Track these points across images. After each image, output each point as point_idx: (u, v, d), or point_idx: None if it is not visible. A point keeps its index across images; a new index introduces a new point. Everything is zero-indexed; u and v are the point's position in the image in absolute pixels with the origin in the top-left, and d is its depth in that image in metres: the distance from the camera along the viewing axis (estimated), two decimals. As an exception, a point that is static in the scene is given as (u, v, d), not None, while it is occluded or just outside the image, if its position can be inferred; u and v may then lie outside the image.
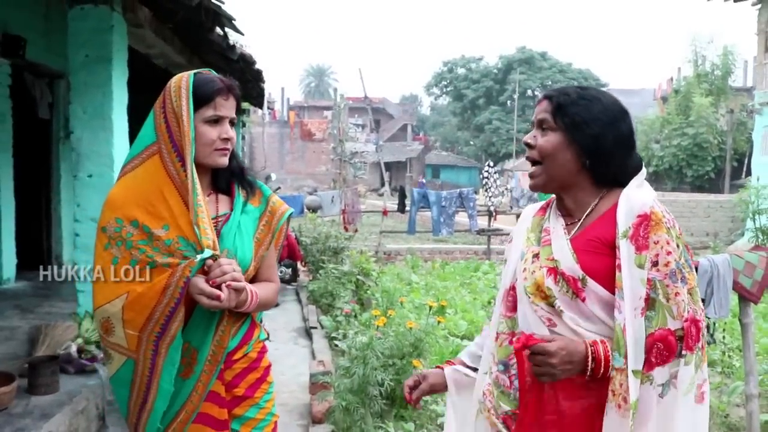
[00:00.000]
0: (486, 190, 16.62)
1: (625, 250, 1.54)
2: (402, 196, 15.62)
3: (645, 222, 1.55)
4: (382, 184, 32.93)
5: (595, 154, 1.64)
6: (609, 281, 1.57)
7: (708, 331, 4.10)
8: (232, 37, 6.10)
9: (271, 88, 67.59)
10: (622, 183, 1.65)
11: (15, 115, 6.79)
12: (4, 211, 6.66)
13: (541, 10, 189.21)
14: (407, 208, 14.64)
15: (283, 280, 8.76)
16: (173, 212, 1.80)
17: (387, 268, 11.43)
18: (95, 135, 4.37)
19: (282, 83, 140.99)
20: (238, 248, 1.88)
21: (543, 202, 1.85)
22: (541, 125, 1.70)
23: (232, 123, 1.92)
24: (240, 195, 1.96)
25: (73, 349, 4.10)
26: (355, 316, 6.19)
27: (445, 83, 56.70)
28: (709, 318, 4.00)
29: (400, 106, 61.90)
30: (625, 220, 1.57)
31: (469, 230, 14.66)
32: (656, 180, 29.63)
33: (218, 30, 5.24)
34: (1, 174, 6.61)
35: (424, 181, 40.08)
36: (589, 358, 1.54)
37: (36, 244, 7.43)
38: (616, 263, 1.55)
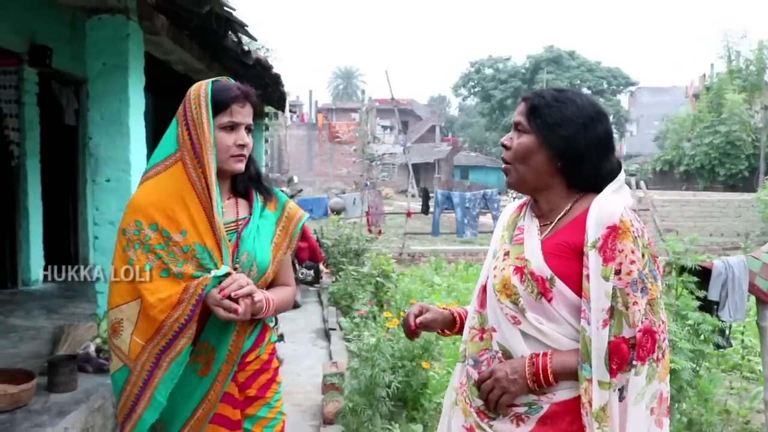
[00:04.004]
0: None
1: (593, 261, 1.56)
2: (426, 198, 15.61)
3: (613, 233, 1.55)
4: (411, 186, 32.93)
5: (567, 156, 1.65)
6: (575, 285, 1.59)
7: (723, 335, 4.05)
8: (255, 42, 6.19)
9: (299, 91, 68.15)
10: (598, 187, 1.65)
11: (42, 122, 6.97)
12: (32, 214, 6.83)
13: (570, 8, 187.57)
14: (431, 210, 14.64)
15: (305, 282, 8.83)
16: (193, 219, 1.84)
17: (410, 269, 11.45)
18: (112, 141, 4.47)
19: (310, 86, 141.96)
20: (257, 252, 1.93)
21: (523, 200, 1.87)
22: (516, 127, 1.72)
23: (248, 129, 1.97)
24: (258, 200, 2.02)
25: (92, 348, 4.21)
26: (374, 318, 6.22)
27: (473, 84, 56.50)
28: (724, 321, 3.96)
29: (428, 108, 61.79)
30: (594, 231, 1.58)
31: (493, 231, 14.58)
32: (687, 179, 29.17)
33: (233, 36, 5.31)
34: (29, 179, 6.79)
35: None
36: (528, 369, 1.61)
37: (63, 247, 7.62)
38: (585, 273, 1.57)
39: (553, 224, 1.70)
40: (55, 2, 4.35)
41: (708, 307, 3.89)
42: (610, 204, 1.60)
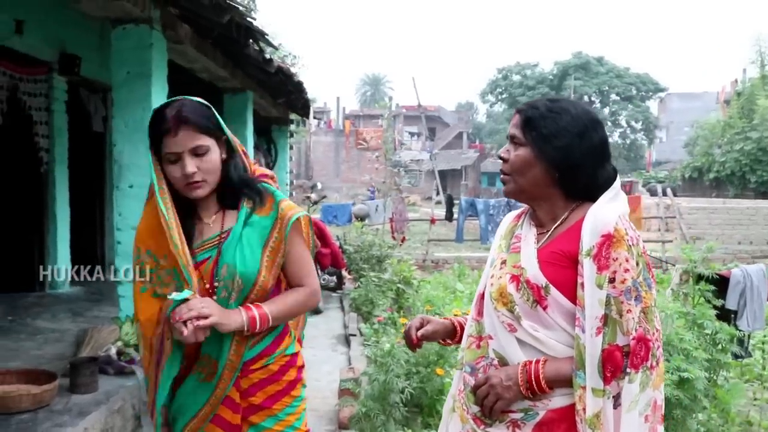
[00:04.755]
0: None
1: (588, 269, 1.57)
2: (450, 205, 15.61)
3: (608, 241, 1.57)
4: (438, 193, 32.93)
5: (564, 166, 1.66)
6: (570, 293, 1.61)
7: (741, 345, 4.00)
8: (279, 50, 6.28)
9: (326, 98, 68.49)
10: (595, 195, 1.66)
11: (70, 129, 7.12)
12: (59, 219, 6.98)
13: (599, 14, 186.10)
14: (455, 216, 14.64)
15: (327, 288, 8.88)
16: (168, 244, 1.89)
17: (433, 276, 11.45)
18: (135, 148, 4.57)
19: (338, 93, 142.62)
20: (238, 262, 1.89)
21: (521, 209, 1.89)
22: (513, 140, 1.73)
23: (196, 152, 1.88)
24: (245, 207, 1.96)
25: (113, 351, 4.30)
26: (393, 324, 6.25)
27: (500, 90, 56.37)
28: (742, 331, 3.92)
29: (455, 114, 61.73)
30: (589, 239, 1.59)
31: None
32: (717, 186, 28.73)
33: (254, 45, 5.40)
34: (57, 185, 6.94)
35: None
36: (521, 376, 1.62)
37: (90, 251, 7.77)
38: (580, 281, 1.59)
39: (549, 232, 1.72)
40: (84, 12, 4.46)
41: (726, 316, 3.85)
42: (605, 212, 1.61)
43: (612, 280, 1.55)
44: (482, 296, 1.82)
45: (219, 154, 1.94)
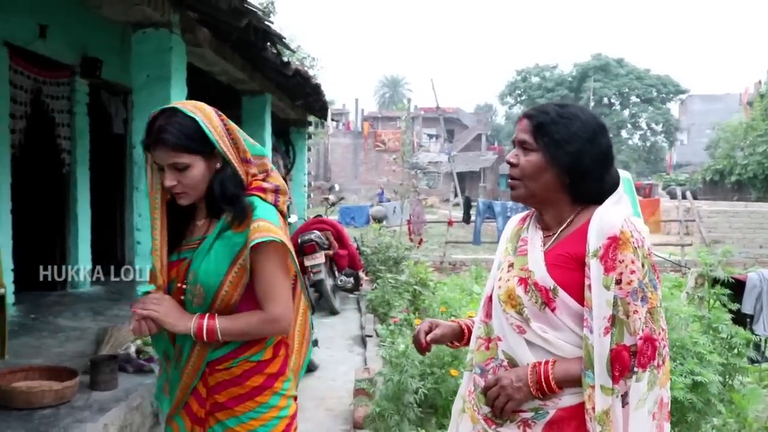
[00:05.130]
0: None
1: (595, 269, 1.60)
2: (467, 206, 15.60)
3: (614, 243, 1.60)
4: (456, 195, 32.88)
5: (575, 172, 1.69)
6: (578, 294, 1.64)
7: (758, 350, 3.98)
8: (296, 53, 6.34)
9: (345, 100, 68.63)
10: (600, 199, 1.70)
11: (91, 131, 7.24)
12: (81, 220, 7.10)
13: (619, 15, 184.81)
14: (472, 219, 14.63)
15: (344, 289, 8.91)
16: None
17: (450, 278, 11.44)
18: (155, 149, 4.65)
19: (357, 94, 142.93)
20: (201, 273, 1.94)
21: (525, 213, 1.91)
22: (522, 145, 1.74)
23: (176, 167, 1.90)
24: (223, 220, 1.97)
25: (132, 349, 4.37)
26: (410, 325, 6.26)
27: (519, 92, 56.23)
28: (758, 335, 3.90)
29: (474, 116, 61.61)
30: (596, 240, 1.62)
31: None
32: (739, 189, 28.37)
33: (272, 48, 5.46)
34: (78, 186, 7.06)
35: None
36: (531, 377, 1.66)
37: (110, 251, 7.88)
38: (587, 283, 1.62)
39: (555, 235, 1.75)
40: (103, 15, 4.54)
41: (741, 320, 3.83)
42: (611, 215, 1.64)
43: (618, 282, 1.58)
44: (490, 298, 1.85)
45: (204, 168, 1.93)
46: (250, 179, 2.01)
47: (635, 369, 1.58)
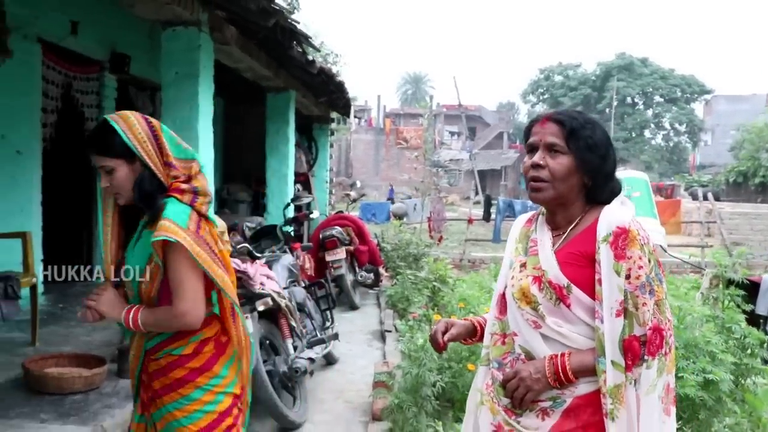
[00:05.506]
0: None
1: (605, 254, 1.73)
2: (488, 205, 15.64)
3: (623, 234, 1.72)
4: (476, 193, 32.86)
5: (598, 174, 1.82)
6: (590, 289, 1.75)
7: (773, 351, 4.02)
8: (320, 51, 6.45)
9: (367, 96, 68.67)
10: (608, 200, 1.83)
11: (120, 126, 7.39)
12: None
13: (643, 14, 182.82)
14: (492, 217, 14.67)
15: (365, 285, 9.00)
16: None
17: (470, 275, 11.50)
18: (183, 145, 4.77)
19: (379, 91, 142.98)
20: (128, 268, 2.16)
21: (531, 214, 2.02)
22: (551, 148, 1.82)
23: (106, 170, 2.10)
24: (143, 221, 2.16)
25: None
26: (429, 321, 6.35)
27: (542, 91, 56.02)
28: (771, 336, 3.94)
29: (496, 114, 61.42)
30: (605, 229, 1.75)
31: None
32: (763, 192, 28.05)
33: (297, 47, 5.56)
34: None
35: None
36: (548, 368, 1.76)
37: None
38: (597, 278, 1.73)
39: (565, 234, 1.86)
40: (134, 14, 4.67)
41: (755, 321, 3.88)
42: (619, 212, 1.79)
43: (627, 276, 1.70)
44: (502, 296, 1.95)
45: (128, 171, 2.10)
46: (171, 181, 2.11)
47: (645, 357, 1.70)
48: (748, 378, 3.74)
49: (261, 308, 4.12)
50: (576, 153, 1.80)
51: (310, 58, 6.15)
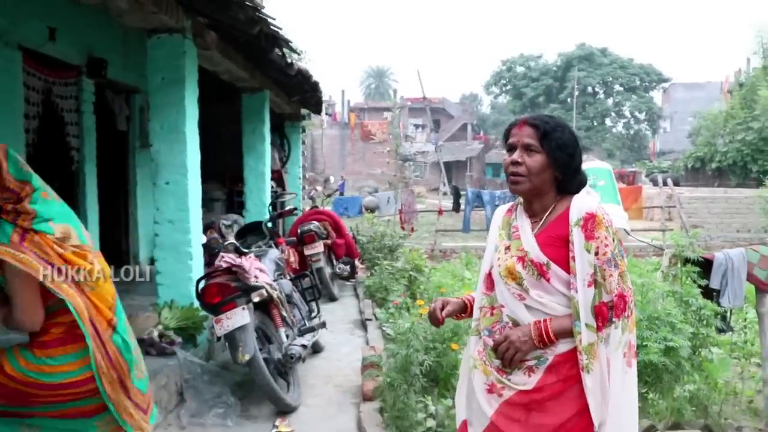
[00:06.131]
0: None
1: (577, 236, 2.08)
2: (457, 196, 15.99)
3: (592, 219, 2.08)
4: (445, 184, 33.30)
5: (568, 169, 2.17)
6: (565, 265, 2.11)
7: (724, 320, 4.43)
8: (295, 53, 6.63)
9: (331, 91, 68.54)
10: (575, 191, 2.18)
11: (97, 129, 7.51)
12: (90, 215, 7.37)
13: (602, 5, 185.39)
14: (462, 207, 15.01)
15: (341, 277, 9.27)
16: None
17: (442, 265, 11.83)
18: (171, 147, 4.98)
19: (342, 85, 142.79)
20: None
21: (510, 204, 2.38)
22: (528, 148, 2.17)
23: None
24: None
25: (155, 334, 4.72)
26: (408, 309, 6.64)
27: (505, 82, 56.67)
28: (723, 307, 4.34)
29: (459, 106, 61.99)
30: (576, 215, 2.11)
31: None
32: (720, 176, 28.88)
33: (277, 50, 5.79)
34: (87, 182, 7.34)
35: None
36: (534, 332, 2.12)
37: (117, 244, 8.19)
38: (571, 255, 2.09)
39: (542, 221, 2.22)
40: (111, 18, 4.81)
41: (709, 294, 4.28)
42: (587, 201, 2.17)
43: (596, 253, 2.06)
44: (489, 275, 2.30)
45: None
46: (2, 203, 2.43)
47: (613, 319, 2.06)
48: (705, 347, 4.12)
49: (257, 299, 4.39)
50: (549, 152, 2.15)
51: (289, 60, 6.38)
